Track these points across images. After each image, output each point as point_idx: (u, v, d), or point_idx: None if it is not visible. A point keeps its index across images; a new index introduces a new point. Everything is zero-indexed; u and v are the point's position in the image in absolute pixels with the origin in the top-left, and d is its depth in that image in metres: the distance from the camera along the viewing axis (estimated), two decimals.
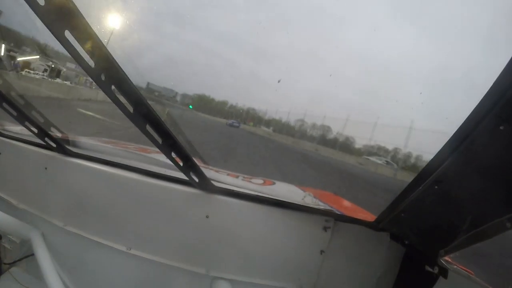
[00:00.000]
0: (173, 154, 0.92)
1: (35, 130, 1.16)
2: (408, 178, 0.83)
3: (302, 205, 1.12)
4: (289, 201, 1.13)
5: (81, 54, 0.64)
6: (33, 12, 0.56)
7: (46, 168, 1.29)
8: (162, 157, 1.24)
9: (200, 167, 1.03)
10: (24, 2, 0.54)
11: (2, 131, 1.41)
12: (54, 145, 1.23)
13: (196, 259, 1.15)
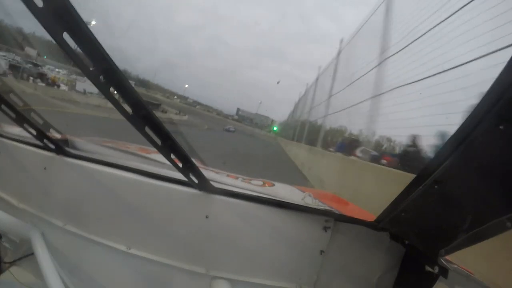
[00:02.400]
0: (172, 156, 0.92)
1: (34, 132, 1.16)
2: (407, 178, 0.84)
3: (302, 205, 1.12)
4: (289, 201, 1.13)
5: (79, 56, 0.64)
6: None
7: (45, 168, 1.29)
8: (161, 158, 1.24)
9: (200, 168, 1.04)
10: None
11: (2, 132, 1.41)
12: (53, 146, 1.23)
13: (196, 258, 1.15)
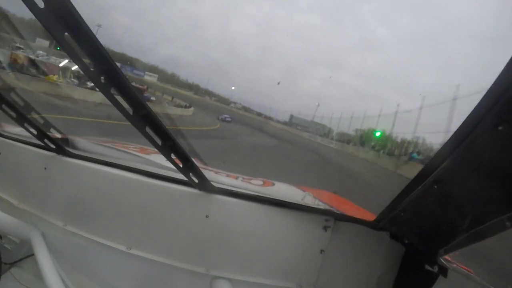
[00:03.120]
0: (172, 156, 0.92)
1: (34, 132, 1.16)
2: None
3: (302, 205, 1.13)
4: (289, 200, 1.14)
5: (80, 56, 0.64)
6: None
7: (45, 168, 1.29)
8: (161, 158, 1.24)
9: (200, 168, 1.04)
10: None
11: (2, 132, 1.41)
12: (53, 146, 1.23)
13: (196, 258, 1.15)
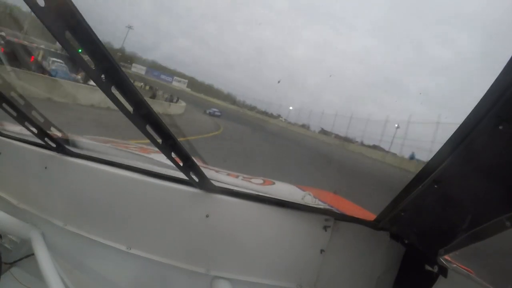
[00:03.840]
0: (173, 154, 0.92)
1: (35, 130, 1.16)
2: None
3: (302, 205, 1.13)
4: (289, 200, 1.14)
5: (81, 55, 0.65)
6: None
7: (46, 168, 1.29)
8: (162, 157, 1.24)
9: (200, 167, 1.04)
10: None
11: (2, 131, 1.41)
12: (54, 145, 1.23)
13: (196, 258, 1.15)
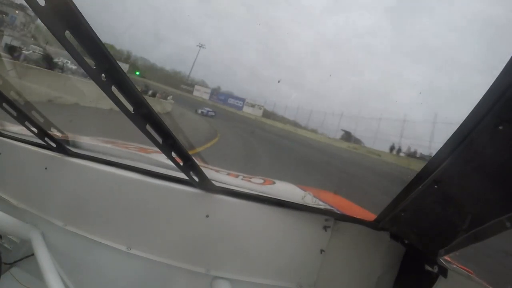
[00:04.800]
0: (173, 154, 0.92)
1: (35, 130, 1.16)
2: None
3: (302, 205, 1.13)
4: (289, 200, 1.14)
5: (81, 54, 0.65)
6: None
7: (46, 168, 1.29)
8: (162, 157, 1.24)
9: (200, 167, 1.04)
10: None
11: (2, 131, 1.41)
12: (54, 145, 1.23)
13: (196, 258, 1.15)
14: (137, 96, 0.76)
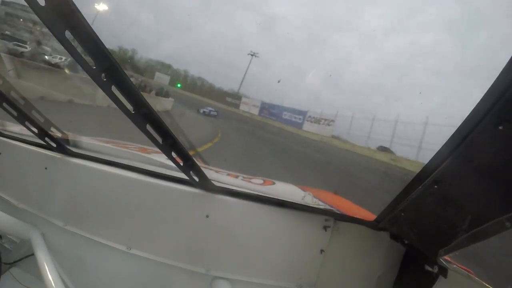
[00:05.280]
0: (173, 154, 0.93)
1: (35, 130, 1.16)
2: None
3: (302, 205, 1.13)
4: (289, 200, 1.14)
5: (81, 54, 0.65)
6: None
7: (46, 168, 1.29)
8: (162, 157, 1.24)
9: (200, 167, 1.04)
10: None
11: (2, 131, 1.41)
12: (54, 145, 1.23)
13: (196, 258, 1.15)
14: (137, 96, 0.76)
